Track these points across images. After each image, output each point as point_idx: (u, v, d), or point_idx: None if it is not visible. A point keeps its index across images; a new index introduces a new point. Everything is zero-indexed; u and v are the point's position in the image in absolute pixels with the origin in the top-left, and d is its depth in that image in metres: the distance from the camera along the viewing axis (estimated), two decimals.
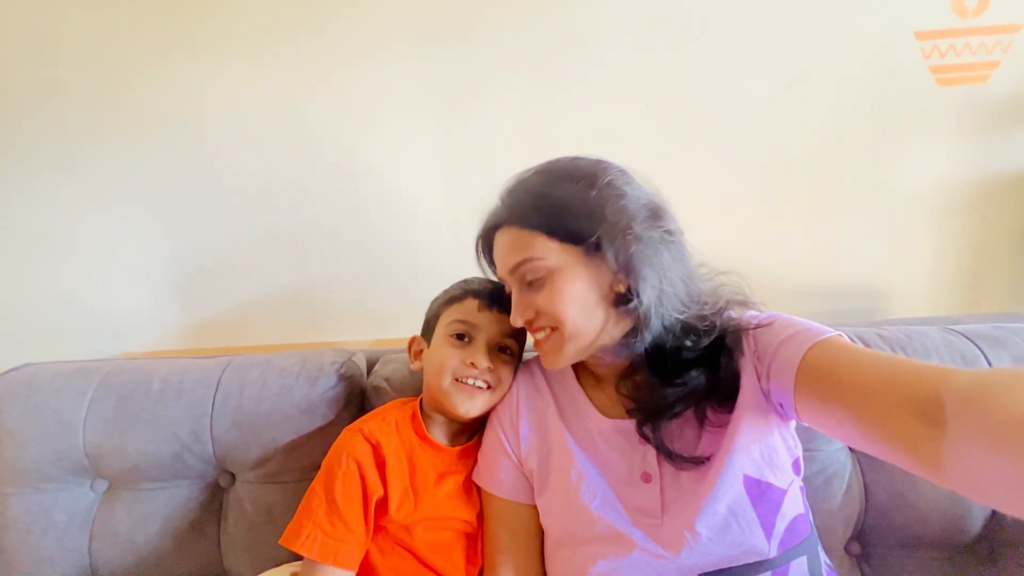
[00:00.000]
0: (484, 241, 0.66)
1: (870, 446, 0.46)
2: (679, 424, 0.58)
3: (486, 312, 0.67)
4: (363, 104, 1.16)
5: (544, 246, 0.56)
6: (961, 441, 0.37)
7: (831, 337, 0.52)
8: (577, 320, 0.56)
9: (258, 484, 0.77)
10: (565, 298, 0.56)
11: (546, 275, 0.57)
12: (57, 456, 0.76)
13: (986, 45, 1.08)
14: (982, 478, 0.36)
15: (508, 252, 0.59)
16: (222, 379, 0.78)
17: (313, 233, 1.20)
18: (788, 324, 0.56)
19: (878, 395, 0.44)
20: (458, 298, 0.68)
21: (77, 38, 1.11)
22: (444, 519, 0.65)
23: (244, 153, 1.15)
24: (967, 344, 0.76)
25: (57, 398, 0.77)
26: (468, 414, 0.65)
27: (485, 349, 0.66)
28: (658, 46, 1.15)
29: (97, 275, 1.16)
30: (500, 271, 0.62)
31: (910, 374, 0.43)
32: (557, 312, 0.56)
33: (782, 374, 0.52)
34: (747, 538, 0.52)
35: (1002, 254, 1.18)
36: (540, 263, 0.56)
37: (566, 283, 0.56)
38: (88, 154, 1.14)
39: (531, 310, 0.58)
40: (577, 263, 0.56)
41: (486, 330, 0.66)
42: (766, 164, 1.19)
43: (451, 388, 0.65)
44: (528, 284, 0.58)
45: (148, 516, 0.76)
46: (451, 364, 0.65)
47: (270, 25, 1.12)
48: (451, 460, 0.68)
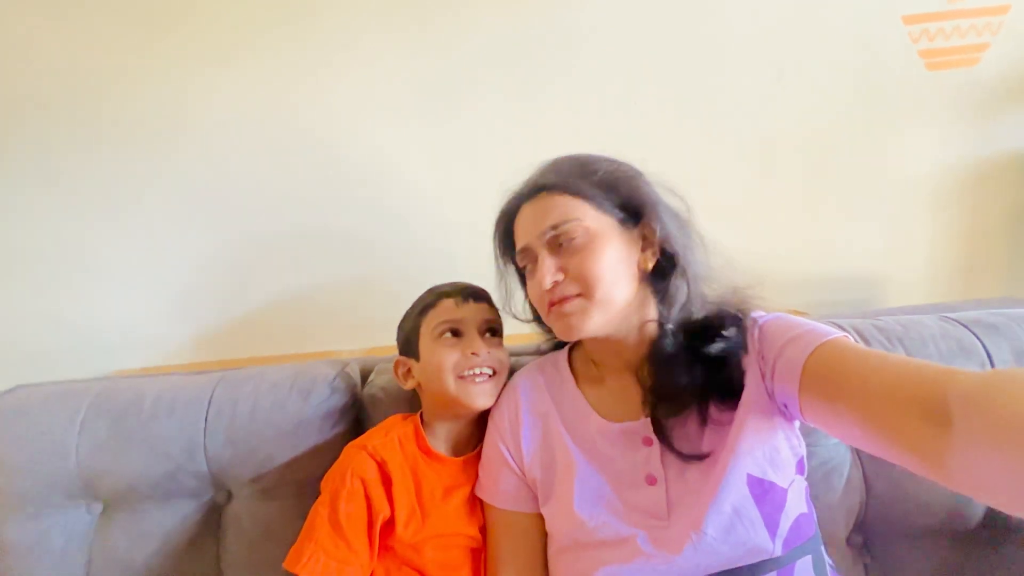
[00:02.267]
0: (506, 216, 0.67)
1: (875, 447, 0.46)
2: (682, 421, 0.57)
3: (465, 305, 0.69)
4: (347, 107, 1.14)
5: (584, 210, 0.58)
6: (967, 442, 0.37)
7: (837, 338, 0.52)
8: (609, 285, 0.57)
9: (255, 500, 0.76)
10: (602, 262, 0.57)
11: (585, 237, 0.58)
12: (51, 480, 0.75)
13: (975, 27, 1.07)
14: (988, 479, 0.36)
15: (545, 214, 0.59)
16: (214, 396, 0.77)
17: (301, 241, 1.18)
18: (793, 324, 0.56)
19: (884, 397, 0.44)
20: (432, 304, 0.70)
21: (53, 51, 1.09)
22: (452, 536, 0.64)
23: (227, 161, 1.14)
24: (964, 332, 0.76)
25: (48, 421, 0.76)
26: (484, 405, 0.66)
27: (478, 336, 0.68)
28: (645, 38, 1.13)
29: (84, 292, 1.15)
30: (529, 236, 0.61)
31: (916, 376, 0.43)
32: (593, 273, 0.56)
33: (787, 374, 0.52)
34: (751, 537, 0.52)
35: (996, 238, 1.17)
36: (579, 224, 0.58)
37: (603, 247, 0.57)
38: (70, 169, 1.11)
39: (561, 272, 0.58)
40: (613, 232, 0.59)
41: (472, 319, 0.68)
42: (757, 154, 1.18)
43: (458, 387, 0.65)
44: (561, 247, 0.59)
45: (145, 536, 0.75)
46: (451, 362, 0.65)
47: (251, 29, 1.10)
48: (456, 472, 0.68)
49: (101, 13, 1.08)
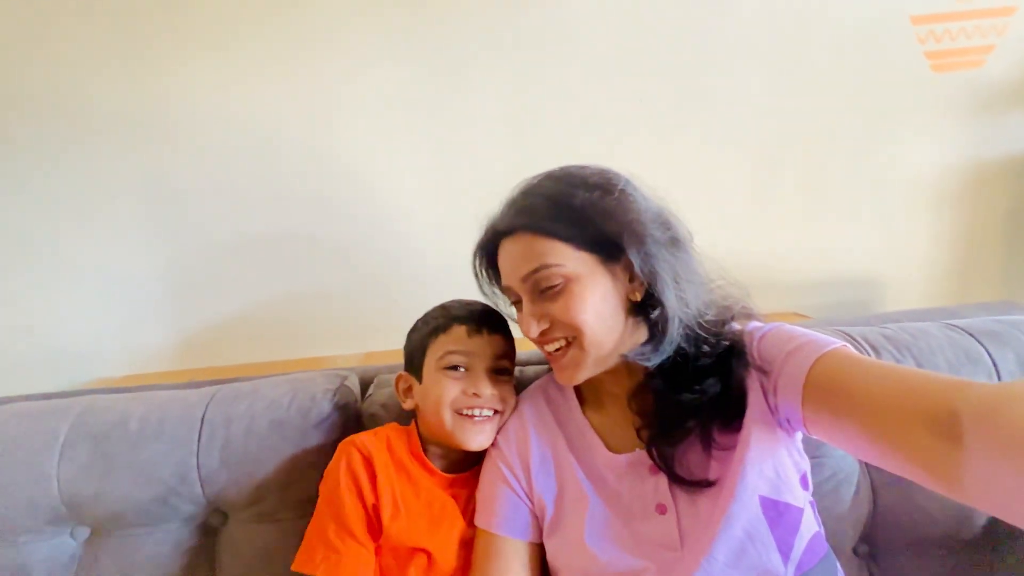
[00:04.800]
0: (485, 251, 0.64)
1: (883, 461, 0.45)
2: (685, 449, 0.56)
3: (477, 337, 0.64)
4: (336, 108, 1.09)
5: (561, 252, 0.55)
6: (979, 457, 0.36)
7: (837, 348, 0.51)
8: (596, 329, 0.55)
9: (253, 524, 0.73)
10: (584, 306, 0.54)
11: (563, 283, 0.55)
12: (30, 505, 0.70)
13: (981, 28, 1.06)
14: (1002, 494, 0.36)
15: (521, 259, 0.57)
16: (206, 415, 0.73)
17: (288, 244, 1.14)
18: (792, 336, 0.55)
19: (891, 410, 0.43)
20: (443, 327, 0.65)
21: (19, 45, 1.01)
22: (430, 553, 0.61)
23: (209, 162, 1.08)
24: (970, 341, 0.76)
25: (26, 443, 0.72)
26: (479, 447, 0.63)
27: (485, 376, 0.63)
28: (645, 34, 1.10)
29: (56, 299, 1.08)
30: (509, 279, 0.59)
31: (923, 388, 0.42)
32: (576, 321, 0.54)
33: (789, 388, 0.51)
34: (763, 562, 0.51)
35: (994, 241, 1.19)
36: (557, 270, 0.55)
37: (584, 290, 0.54)
38: (42, 170, 1.04)
39: (546, 320, 0.56)
40: (594, 271, 0.55)
41: (481, 356, 0.64)
42: (758, 153, 1.17)
43: (455, 424, 0.62)
44: (541, 292, 0.56)
45: (136, 563, 0.71)
46: (450, 397, 0.62)
47: (235, 26, 1.04)
48: (443, 486, 0.65)
49: (70, 5, 1.00)
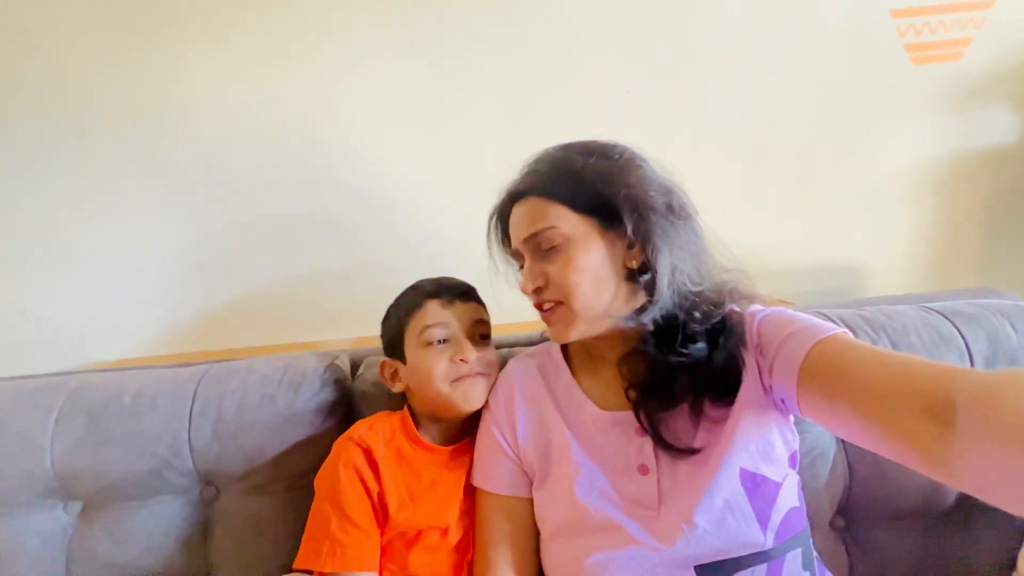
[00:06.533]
0: (501, 213, 0.67)
1: (875, 444, 0.46)
2: (675, 416, 0.57)
3: (451, 308, 0.67)
4: (332, 93, 1.10)
5: (561, 215, 0.57)
6: (971, 441, 0.37)
7: (836, 334, 0.52)
8: (587, 293, 0.57)
9: (245, 496, 0.74)
10: (578, 269, 0.56)
11: (561, 243, 0.57)
12: (24, 479, 0.71)
13: (959, 21, 1.09)
14: (992, 478, 0.36)
15: (525, 221, 0.60)
16: (199, 390, 0.75)
17: (287, 228, 1.15)
18: (793, 319, 0.56)
19: (885, 393, 0.44)
20: (417, 306, 0.67)
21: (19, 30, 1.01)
22: (439, 529, 0.64)
23: (208, 146, 1.09)
24: (943, 322, 0.79)
25: (20, 418, 0.73)
26: (477, 406, 0.66)
27: (467, 341, 0.66)
28: (636, 32, 1.12)
29: (55, 283, 1.09)
30: (515, 240, 0.63)
31: (920, 373, 0.43)
32: (568, 283, 0.56)
33: (785, 369, 0.53)
34: (743, 531, 0.53)
35: (973, 230, 1.21)
36: (556, 232, 0.57)
37: (580, 253, 0.57)
38: (41, 157, 1.05)
39: (542, 278, 0.59)
40: (593, 234, 0.57)
41: (459, 324, 0.67)
42: (743, 146, 1.19)
43: (451, 390, 0.65)
44: (542, 253, 0.58)
45: (129, 535, 0.72)
46: (441, 369, 0.64)
47: (233, 12, 1.04)
48: (444, 459, 0.68)
49: None
